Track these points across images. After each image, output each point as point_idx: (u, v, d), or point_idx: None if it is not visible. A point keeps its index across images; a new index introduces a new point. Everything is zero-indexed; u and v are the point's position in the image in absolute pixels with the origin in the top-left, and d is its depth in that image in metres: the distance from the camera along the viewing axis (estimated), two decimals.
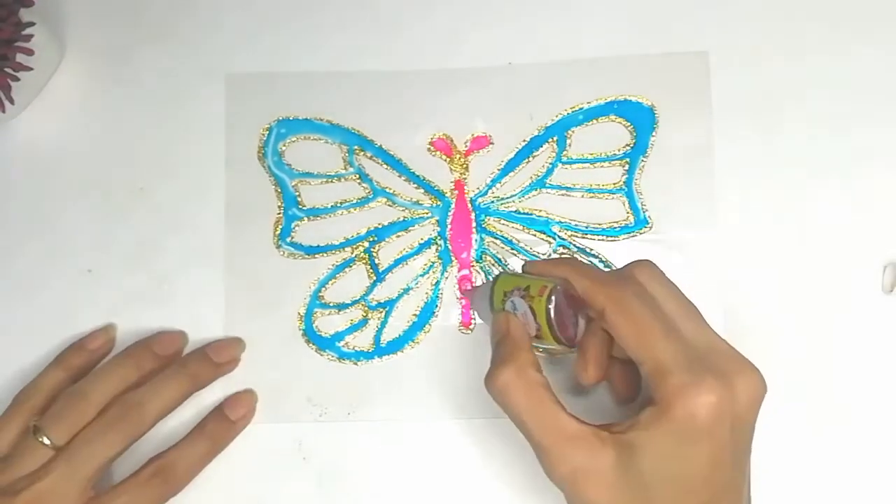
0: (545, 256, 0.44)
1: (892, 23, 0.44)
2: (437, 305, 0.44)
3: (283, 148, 0.45)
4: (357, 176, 0.45)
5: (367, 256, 0.45)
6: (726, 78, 0.44)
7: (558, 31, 0.45)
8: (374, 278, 0.45)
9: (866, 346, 0.42)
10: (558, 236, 0.44)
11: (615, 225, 0.44)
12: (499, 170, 0.45)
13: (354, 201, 0.45)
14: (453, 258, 0.44)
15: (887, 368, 0.42)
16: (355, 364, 0.44)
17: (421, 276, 0.45)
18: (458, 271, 0.44)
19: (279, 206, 0.45)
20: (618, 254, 0.44)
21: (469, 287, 0.44)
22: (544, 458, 0.34)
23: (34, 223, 0.45)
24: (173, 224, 0.45)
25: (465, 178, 0.45)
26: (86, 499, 0.39)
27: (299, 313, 0.44)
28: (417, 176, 0.45)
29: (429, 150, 0.45)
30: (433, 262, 0.45)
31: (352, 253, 0.45)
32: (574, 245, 0.44)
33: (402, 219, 0.45)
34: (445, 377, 0.43)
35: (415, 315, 0.44)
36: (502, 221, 0.45)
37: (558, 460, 0.33)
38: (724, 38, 0.44)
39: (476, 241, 0.45)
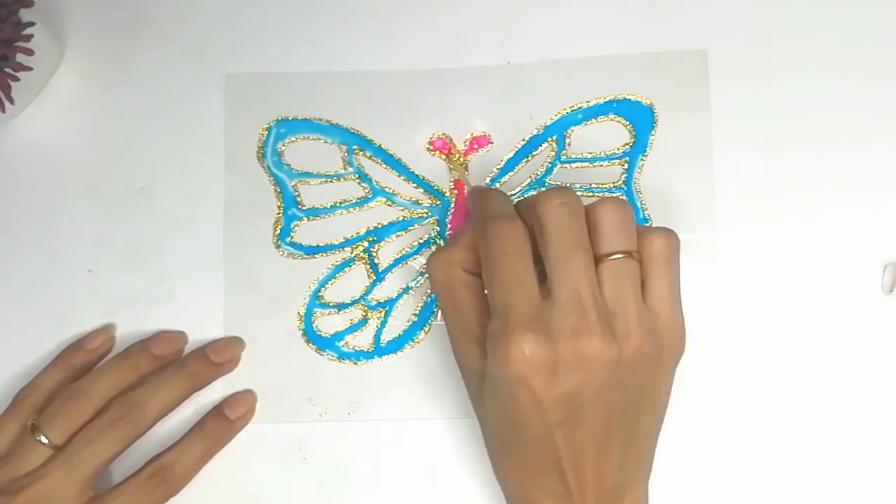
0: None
1: (891, 22, 0.44)
2: (436, 305, 0.44)
3: (283, 148, 0.45)
4: (356, 176, 0.45)
5: (366, 256, 0.45)
6: (726, 76, 0.44)
7: (557, 30, 0.45)
8: (374, 278, 0.45)
9: (866, 347, 0.42)
10: None
11: None
12: (498, 169, 0.45)
13: (354, 201, 0.45)
14: None
15: (887, 369, 0.42)
16: (355, 364, 0.44)
17: (421, 275, 0.44)
18: None
19: (279, 206, 0.45)
20: None
21: None
22: (452, 346, 0.38)
23: (34, 223, 0.45)
24: (173, 224, 0.45)
25: (464, 178, 0.45)
26: (85, 498, 0.39)
27: (299, 313, 0.44)
28: (417, 175, 0.45)
29: (428, 149, 0.45)
30: None
31: (351, 253, 0.45)
32: None
33: (401, 218, 0.45)
34: (445, 377, 0.43)
35: (415, 315, 0.44)
36: None
37: (457, 352, 0.37)
38: (724, 37, 0.44)
39: None
